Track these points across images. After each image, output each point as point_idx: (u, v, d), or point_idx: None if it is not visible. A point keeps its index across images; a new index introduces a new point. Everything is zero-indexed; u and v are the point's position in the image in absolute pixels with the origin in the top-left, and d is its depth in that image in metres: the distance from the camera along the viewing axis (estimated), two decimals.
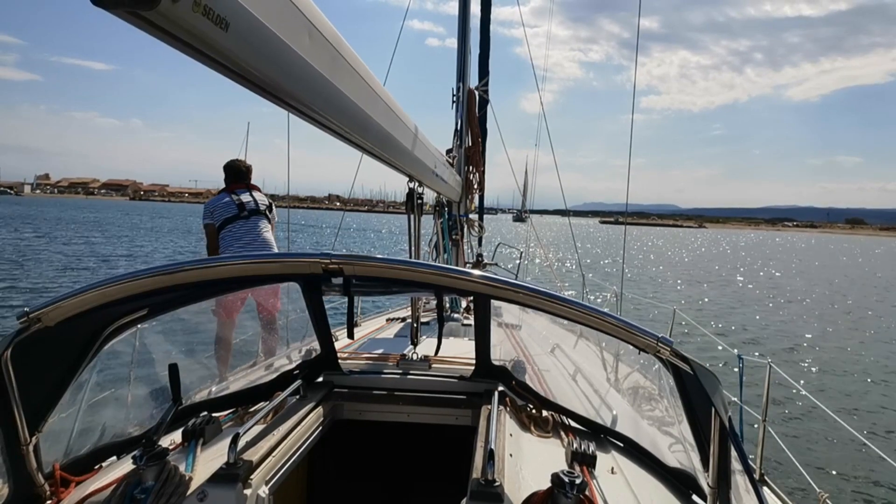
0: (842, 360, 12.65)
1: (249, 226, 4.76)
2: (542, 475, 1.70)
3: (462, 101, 6.21)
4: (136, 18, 0.86)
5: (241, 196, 4.81)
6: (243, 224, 4.74)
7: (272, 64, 1.23)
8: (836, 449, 7.37)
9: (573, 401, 2.90)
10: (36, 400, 1.77)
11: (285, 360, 3.60)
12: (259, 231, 4.79)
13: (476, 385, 2.72)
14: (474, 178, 6.49)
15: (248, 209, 4.77)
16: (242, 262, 2.05)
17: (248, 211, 4.77)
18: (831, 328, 16.97)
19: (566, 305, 1.77)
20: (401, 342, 4.06)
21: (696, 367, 1.55)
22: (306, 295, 2.58)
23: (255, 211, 4.80)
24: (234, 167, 4.95)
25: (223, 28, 0.99)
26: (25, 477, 1.76)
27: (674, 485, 2.06)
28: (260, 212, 4.83)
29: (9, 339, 1.62)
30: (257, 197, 4.89)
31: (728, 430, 1.55)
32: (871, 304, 23.34)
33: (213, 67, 1.12)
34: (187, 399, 2.47)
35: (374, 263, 1.88)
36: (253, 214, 4.78)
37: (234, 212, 4.73)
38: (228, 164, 4.97)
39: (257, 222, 4.80)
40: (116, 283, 1.74)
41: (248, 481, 1.79)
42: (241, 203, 4.77)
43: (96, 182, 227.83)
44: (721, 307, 20.40)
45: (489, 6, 6.94)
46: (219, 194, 4.91)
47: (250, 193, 4.87)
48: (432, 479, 3.00)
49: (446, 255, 5.96)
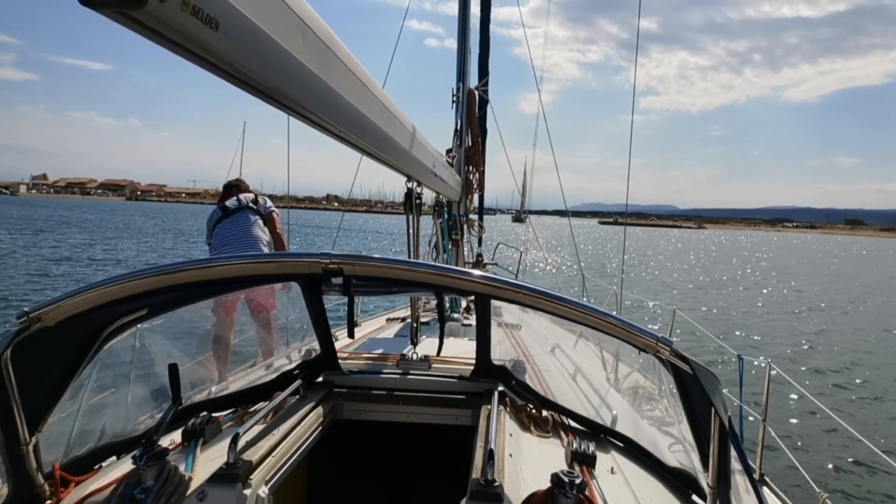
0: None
1: (229, 223, 4.88)
2: (542, 475, 1.70)
3: (462, 100, 6.21)
4: (124, 18, 0.86)
5: (226, 202, 5.01)
6: (224, 223, 4.89)
7: (265, 64, 1.22)
8: (836, 449, 7.37)
9: (573, 401, 2.90)
10: (36, 400, 1.77)
11: (285, 360, 3.60)
12: (240, 224, 4.87)
13: (476, 385, 2.72)
14: (474, 178, 6.49)
15: (230, 209, 4.94)
16: (242, 262, 2.05)
17: (231, 210, 4.93)
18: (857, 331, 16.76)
19: (566, 305, 1.77)
20: (401, 342, 4.06)
21: (696, 367, 1.55)
22: (306, 295, 2.58)
23: (238, 208, 4.93)
24: (226, 185, 5.24)
25: (213, 28, 0.99)
26: (25, 477, 1.76)
27: (674, 485, 2.06)
28: (242, 207, 4.93)
29: (9, 339, 1.62)
30: (242, 197, 5.03)
31: (728, 430, 1.55)
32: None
33: (204, 67, 1.12)
34: (187, 399, 2.48)
35: (374, 263, 1.88)
36: (236, 211, 4.91)
37: (219, 215, 4.94)
38: (224, 185, 5.24)
39: (237, 218, 4.90)
40: (116, 283, 1.75)
41: (247, 481, 1.79)
42: (224, 207, 4.98)
43: (93, 182, 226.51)
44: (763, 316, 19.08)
45: (489, 6, 6.94)
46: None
47: (237, 198, 5.03)
48: (432, 479, 3.00)
49: (446, 255, 5.96)
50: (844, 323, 18.34)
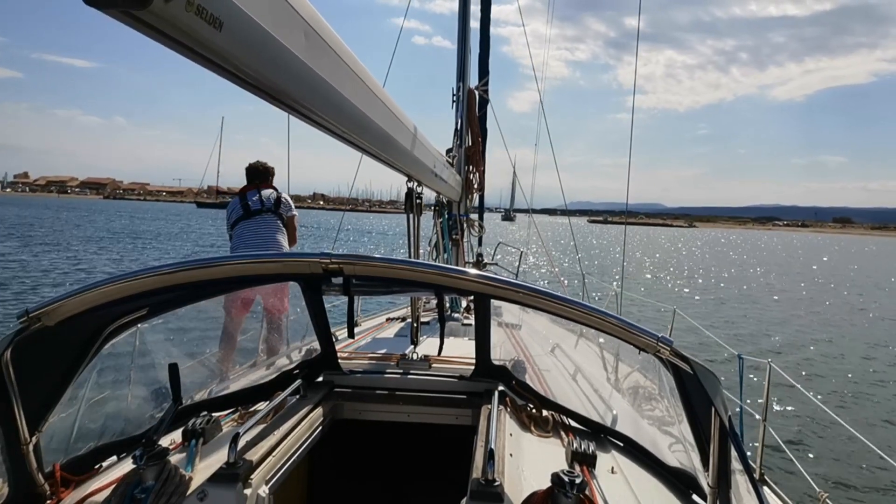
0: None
1: (252, 225, 4.82)
2: (542, 475, 1.70)
3: (462, 100, 6.21)
4: (128, 18, 0.86)
5: (248, 198, 4.90)
6: (246, 224, 4.83)
7: (268, 64, 1.22)
8: (836, 449, 7.36)
9: (573, 400, 2.90)
10: (36, 400, 1.77)
11: (285, 360, 3.60)
12: (262, 229, 4.84)
13: (476, 385, 2.72)
14: (474, 178, 6.49)
15: (252, 209, 4.85)
16: (242, 262, 2.05)
17: (252, 211, 4.85)
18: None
19: (566, 305, 1.77)
20: (401, 342, 4.06)
21: (697, 366, 1.55)
22: (306, 295, 2.58)
23: (259, 210, 4.86)
24: (248, 169, 5.05)
25: (217, 28, 0.99)
26: (25, 477, 1.76)
27: (674, 484, 2.06)
28: (264, 210, 4.88)
29: (9, 338, 1.62)
30: (264, 195, 4.93)
31: (728, 430, 1.55)
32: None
33: (207, 67, 1.12)
34: (187, 399, 2.48)
35: (374, 263, 1.88)
36: (256, 214, 4.85)
37: (239, 213, 4.86)
38: (246, 167, 5.07)
39: (260, 221, 4.86)
40: (116, 283, 1.75)
41: (248, 481, 1.79)
42: (246, 205, 4.88)
43: (75, 180, 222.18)
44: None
45: (489, 6, 6.92)
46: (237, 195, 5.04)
47: (258, 192, 4.92)
48: (432, 478, 3.00)
49: (446, 254, 5.96)
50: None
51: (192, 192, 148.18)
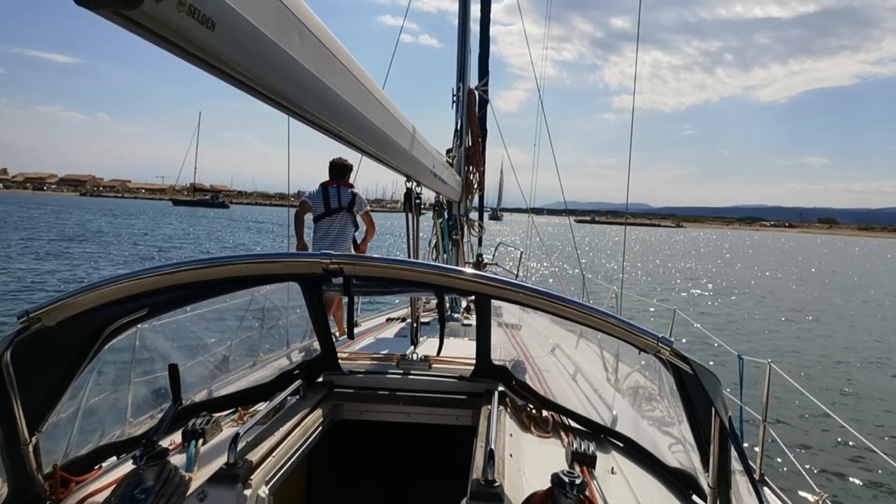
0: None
1: (329, 223, 5.46)
2: (542, 475, 1.70)
3: (462, 100, 6.21)
4: (119, 18, 0.86)
5: (329, 193, 5.48)
6: (327, 221, 5.46)
7: (262, 63, 1.22)
8: (836, 449, 7.36)
9: (573, 401, 2.90)
10: (36, 400, 1.76)
11: (285, 360, 3.60)
12: (338, 227, 5.47)
13: (476, 385, 2.72)
14: (474, 178, 6.49)
15: (332, 207, 5.46)
16: (242, 261, 2.05)
17: (332, 209, 5.47)
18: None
19: (566, 305, 1.77)
20: (401, 342, 4.06)
21: (697, 367, 1.55)
22: (306, 295, 2.58)
23: (338, 209, 5.48)
24: (331, 165, 5.61)
25: (209, 27, 0.99)
26: (25, 477, 1.76)
27: (674, 485, 2.06)
28: (341, 209, 5.48)
29: (9, 338, 1.62)
30: (343, 194, 5.49)
31: (728, 431, 1.54)
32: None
33: (200, 67, 1.12)
34: (187, 399, 2.47)
35: (374, 263, 1.88)
36: (335, 212, 5.48)
37: (322, 209, 5.47)
38: (330, 162, 5.62)
39: (336, 219, 5.49)
40: (116, 283, 1.74)
41: (248, 481, 1.79)
42: (327, 200, 5.47)
43: (54, 177, 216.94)
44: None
45: (489, 6, 6.92)
46: (319, 187, 5.62)
47: (338, 190, 5.48)
48: (432, 479, 3.00)
49: (446, 255, 5.96)
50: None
51: (173, 189, 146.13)
